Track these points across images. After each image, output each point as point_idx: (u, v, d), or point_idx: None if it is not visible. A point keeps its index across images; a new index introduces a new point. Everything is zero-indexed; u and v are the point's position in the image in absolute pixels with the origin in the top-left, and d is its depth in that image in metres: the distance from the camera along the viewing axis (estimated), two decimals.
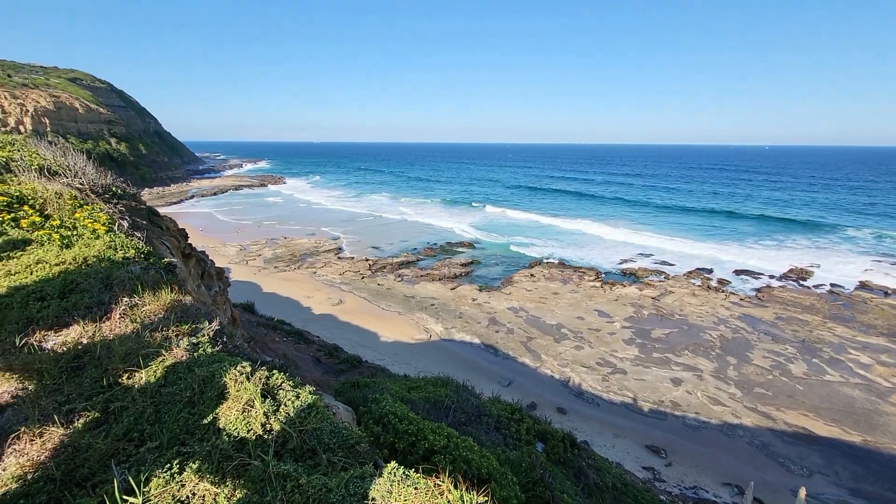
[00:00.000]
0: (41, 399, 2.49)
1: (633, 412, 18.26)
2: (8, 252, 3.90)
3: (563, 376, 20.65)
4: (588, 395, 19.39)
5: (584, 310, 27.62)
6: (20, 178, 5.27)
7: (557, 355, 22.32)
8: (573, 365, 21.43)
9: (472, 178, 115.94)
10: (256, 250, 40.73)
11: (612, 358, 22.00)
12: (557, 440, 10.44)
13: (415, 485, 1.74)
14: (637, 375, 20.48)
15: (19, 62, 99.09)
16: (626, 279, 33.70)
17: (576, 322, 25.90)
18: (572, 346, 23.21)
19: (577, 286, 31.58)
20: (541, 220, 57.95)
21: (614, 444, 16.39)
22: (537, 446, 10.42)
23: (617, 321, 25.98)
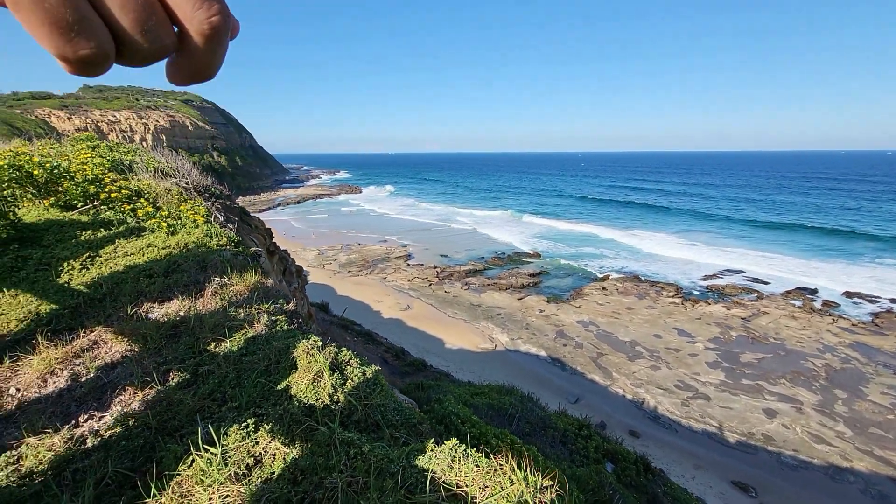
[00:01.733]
0: (144, 360, 2.79)
1: (717, 443, 16.58)
2: (127, 237, 4.46)
3: (637, 397, 19.33)
4: (665, 419, 17.96)
5: (662, 327, 25.75)
6: (139, 177, 6.04)
7: (631, 374, 20.97)
8: (648, 386, 20.00)
9: (541, 189, 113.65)
10: (332, 255, 43.08)
11: (694, 381, 20.22)
12: (629, 462, 9.74)
13: (476, 462, 1.68)
14: (723, 402, 18.61)
15: (145, 87, 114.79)
16: (710, 296, 30.94)
17: (652, 340, 24.21)
18: (648, 365, 21.70)
19: (654, 302, 29.58)
20: (613, 233, 55.23)
21: (694, 475, 14.97)
22: (607, 466, 9.80)
23: (699, 342, 23.89)
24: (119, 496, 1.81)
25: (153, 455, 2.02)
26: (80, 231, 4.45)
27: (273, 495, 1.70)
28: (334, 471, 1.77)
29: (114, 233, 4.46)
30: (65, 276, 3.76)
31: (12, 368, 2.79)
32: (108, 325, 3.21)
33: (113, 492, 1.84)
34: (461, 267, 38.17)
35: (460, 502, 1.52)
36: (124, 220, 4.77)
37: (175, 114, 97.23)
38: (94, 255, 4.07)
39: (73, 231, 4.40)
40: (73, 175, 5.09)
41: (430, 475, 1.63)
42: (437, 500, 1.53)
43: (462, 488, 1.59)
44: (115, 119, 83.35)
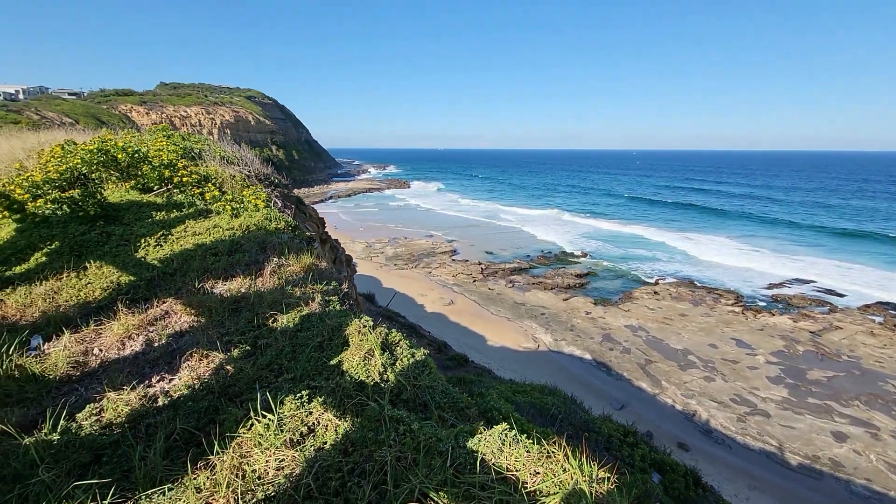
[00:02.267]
0: (209, 330, 2.96)
1: (776, 463, 15.43)
2: (196, 218, 4.76)
3: (688, 408, 18.35)
4: (717, 434, 16.94)
5: (719, 337, 24.24)
6: (207, 164, 6.43)
7: (681, 384, 19.93)
8: (701, 397, 18.93)
9: (592, 188, 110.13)
10: (380, 248, 44.04)
11: (752, 396, 18.90)
12: (678, 474, 9.27)
13: (527, 447, 1.64)
14: (784, 421, 17.28)
15: (214, 84, 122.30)
16: (775, 307, 28.75)
17: (707, 350, 22.87)
18: (701, 375, 20.52)
19: (710, 309, 27.90)
20: (666, 235, 52.52)
21: (749, 496, 14.03)
22: (653, 476, 9.38)
23: (760, 354, 22.28)
24: (185, 451, 1.93)
25: (216, 417, 2.14)
26: (155, 211, 4.80)
27: (325, 463, 1.75)
28: (384, 445, 1.80)
29: (184, 214, 4.78)
30: (142, 252, 4.08)
31: (96, 331, 3.06)
32: (178, 297, 3.44)
33: (180, 447, 1.96)
34: (506, 264, 37.80)
35: (510, 486, 1.49)
36: (193, 202, 5.10)
37: (239, 109, 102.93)
38: (167, 233, 4.38)
39: (149, 211, 4.76)
40: (151, 160, 5.50)
41: (480, 457, 1.62)
42: (486, 481, 1.51)
43: (512, 472, 1.56)
44: (187, 114, 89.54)
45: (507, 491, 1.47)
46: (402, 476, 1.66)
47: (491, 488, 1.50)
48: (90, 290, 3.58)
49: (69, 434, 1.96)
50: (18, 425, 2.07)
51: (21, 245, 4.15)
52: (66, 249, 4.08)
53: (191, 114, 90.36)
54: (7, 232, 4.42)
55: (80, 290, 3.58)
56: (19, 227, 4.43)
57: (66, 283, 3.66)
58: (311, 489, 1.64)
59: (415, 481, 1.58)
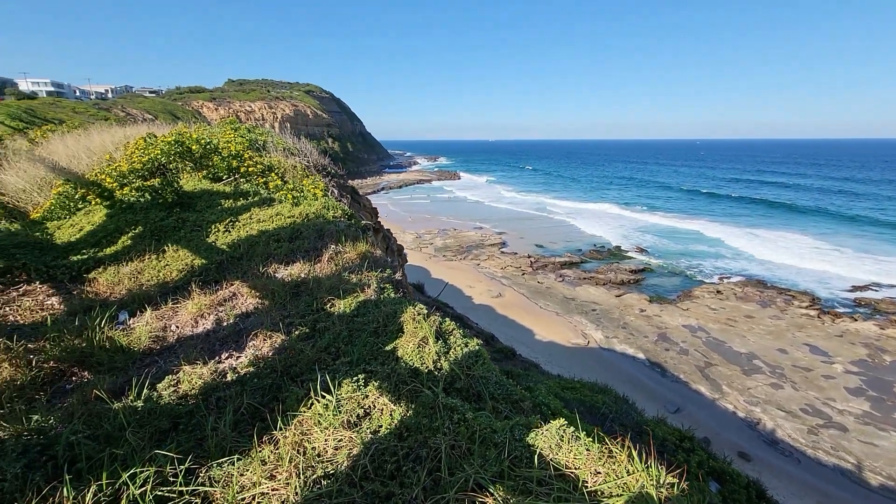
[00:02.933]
0: (272, 312, 3.12)
1: (852, 482, 14.12)
2: (260, 206, 5.02)
3: (751, 416, 17.17)
4: (784, 445, 15.73)
5: (790, 342, 22.39)
6: (270, 154, 6.75)
7: (745, 390, 18.66)
8: (766, 405, 17.64)
9: (650, 180, 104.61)
10: (429, 239, 44.51)
11: (827, 408, 17.35)
12: (739, 485, 8.69)
13: (587, 446, 1.58)
14: (864, 437, 15.73)
15: (275, 80, 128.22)
16: (858, 311, 26.09)
17: (775, 355, 21.21)
18: (767, 382, 19.10)
19: (781, 312, 25.81)
20: (732, 231, 48.85)
21: None
22: (711, 485, 8.87)
23: (838, 363, 20.35)
24: (251, 425, 2.04)
25: (279, 394, 2.24)
26: (224, 199, 5.11)
27: (381, 446, 1.78)
28: (438, 432, 1.80)
29: (250, 202, 5.05)
30: (212, 237, 4.36)
31: (173, 309, 3.31)
32: (244, 280, 3.65)
33: (246, 421, 2.08)
34: (556, 258, 36.95)
35: (569, 483, 1.44)
36: (258, 191, 5.38)
37: (298, 103, 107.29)
38: (234, 220, 4.65)
39: (219, 199, 5.07)
40: (221, 151, 5.86)
41: (537, 451, 1.58)
42: (544, 476, 1.47)
43: (571, 470, 1.51)
44: (251, 109, 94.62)
45: (565, 488, 1.42)
46: (456, 464, 1.65)
47: (549, 484, 1.46)
48: (168, 271, 3.88)
49: (151, 402, 2.14)
50: (109, 392, 2.28)
51: (110, 229, 4.57)
52: (147, 233, 4.44)
53: (254, 108, 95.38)
54: (99, 217, 4.88)
55: (160, 270, 3.88)
56: (109, 213, 4.87)
57: (148, 264, 3.99)
58: (367, 470, 1.68)
59: (469, 471, 1.57)
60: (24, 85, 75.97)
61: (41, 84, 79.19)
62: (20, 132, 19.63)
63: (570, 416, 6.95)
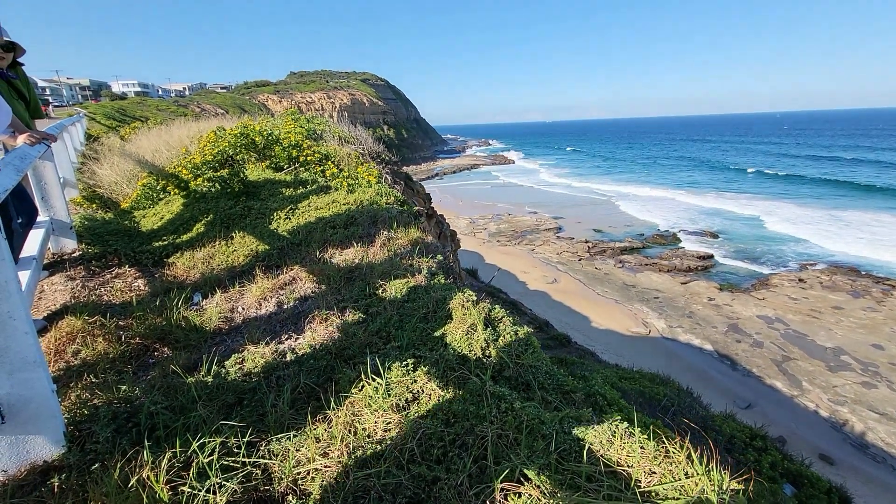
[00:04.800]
0: (328, 296, 3.24)
1: None
2: (317, 194, 5.22)
3: (837, 417, 15.66)
4: (876, 450, 14.24)
5: (887, 336, 20.02)
6: (327, 143, 6.98)
7: (829, 387, 17.01)
8: (855, 405, 15.99)
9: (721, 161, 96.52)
10: (483, 224, 44.30)
11: None
12: (819, 490, 8.02)
13: (641, 443, 1.50)
14: None
15: (333, 70, 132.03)
16: None
17: (868, 350, 19.09)
18: (857, 380, 17.27)
19: (876, 303, 23.09)
20: (817, 214, 44.11)
21: None
22: (785, 488, 8.23)
23: None
24: (307, 404, 2.15)
25: (332, 375, 2.33)
26: (285, 188, 5.36)
27: (428, 431, 1.80)
28: (485, 420, 1.79)
29: (308, 190, 5.26)
30: (274, 224, 4.60)
31: (240, 292, 3.55)
32: (302, 265, 3.83)
33: (303, 399, 2.19)
34: (616, 243, 35.37)
35: (620, 482, 1.38)
36: (316, 179, 5.59)
37: (355, 92, 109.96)
38: (294, 207, 4.87)
39: (280, 188, 5.33)
40: (281, 142, 6.14)
41: (587, 446, 1.52)
42: (594, 472, 1.41)
43: (623, 468, 1.44)
44: (311, 100, 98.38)
45: (616, 486, 1.36)
46: (502, 454, 1.64)
47: (599, 481, 1.40)
48: (235, 256, 4.15)
49: (219, 378, 2.31)
50: (184, 367, 2.49)
51: (186, 217, 4.96)
52: (217, 221, 4.77)
53: (314, 99, 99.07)
54: (177, 206, 5.31)
55: (229, 256, 4.17)
56: (185, 202, 5.28)
57: (218, 249, 4.29)
58: (414, 453, 1.71)
59: (516, 461, 1.55)
60: (116, 87, 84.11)
61: (130, 85, 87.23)
62: (113, 130, 21.80)
63: (628, 407, 6.69)
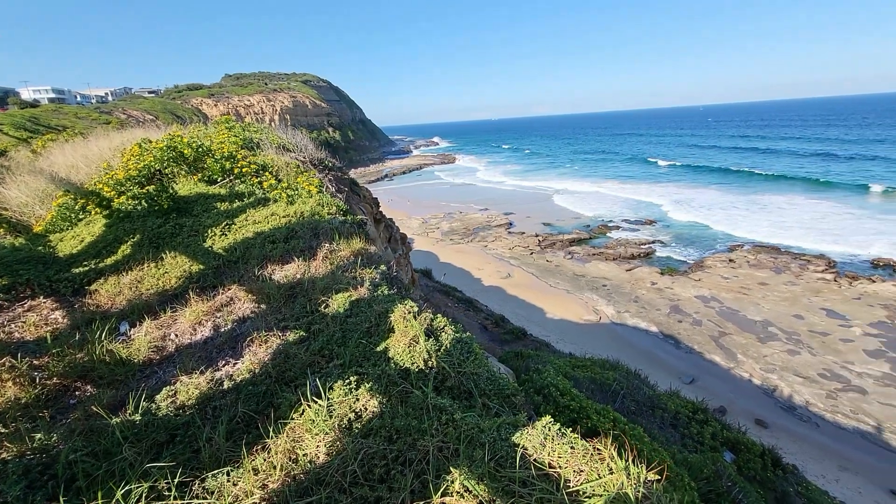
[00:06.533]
0: (268, 316, 3.14)
1: (872, 444, 14.09)
2: (255, 207, 5.02)
3: (768, 383, 17.13)
4: (802, 411, 15.72)
5: (806, 307, 22.14)
6: (265, 152, 6.73)
7: (760, 357, 18.57)
8: (783, 372, 17.56)
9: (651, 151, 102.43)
10: (435, 223, 44.44)
11: (845, 371, 17.22)
12: (754, 454, 8.74)
13: (571, 444, 1.58)
14: (885, 399, 15.62)
15: (272, 72, 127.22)
16: (877, 272, 25.61)
17: (791, 321, 21.01)
18: (783, 349, 18.97)
19: (796, 277, 25.45)
20: (739, 199, 48.06)
21: (838, 477, 12.99)
22: (725, 455, 8.90)
23: (856, 326, 20.10)
24: (246, 433, 2.07)
25: (273, 401, 2.27)
26: (219, 202, 5.12)
27: (371, 450, 1.80)
28: (426, 434, 1.81)
29: (245, 203, 5.05)
30: (209, 241, 4.38)
31: (172, 317, 3.35)
32: (240, 284, 3.67)
33: (241, 429, 2.11)
34: (564, 235, 36.69)
35: (552, 484, 1.44)
36: (253, 191, 5.38)
37: (297, 94, 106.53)
38: (230, 223, 4.66)
39: (214, 202, 5.08)
40: (214, 153, 5.85)
41: (521, 451, 1.57)
42: (526, 477, 1.47)
43: (554, 469, 1.51)
44: (250, 103, 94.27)
45: (548, 489, 1.42)
46: (443, 466, 1.66)
47: (532, 485, 1.46)
48: (167, 278, 3.92)
49: (149, 415, 2.18)
50: (109, 406, 2.33)
51: (110, 239, 4.61)
52: (146, 241, 4.48)
53: (253, 102, 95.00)
54: (98, 227, 4.93)
55: (159, 279, 3.92)
56: (107, 223, 4.92)
57: (147, 272, 4.03)
58: (356, 475, 1.70)
59: (455, 473, 1.57)
60: (27, 93, 76.32)
61: (42, 91, 79.49)
62: (24, 142, 19.82)
63: (579, 395, 6.93)
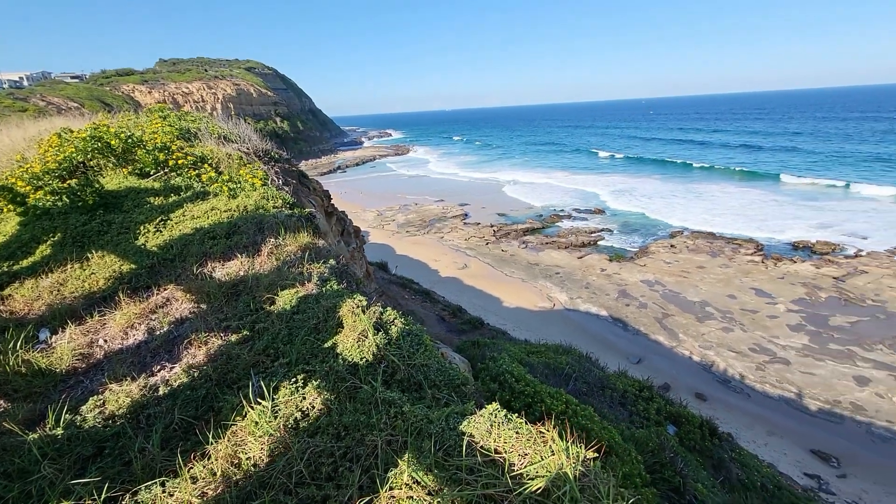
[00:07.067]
0: (208, 316, 2.98)
1: (795, 409, 15.52)
2: (193, 201, 4.74)
3: (705, 360, 18.41)
4: (736, 383, 17.03)
5: (738, 287, 23.93)
6: (203, 143, 6.35)
7: (699, 336, 19.91)
8: (718, 348, 18.93)
9: (605, 142, 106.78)
10: (391, 216, 43.98)
11: (772, 345, 18.82)
12: (694, 425, 9.39)
13: (516, 429, 1.61)
14: (805, 368, 17.23)
15: (212, 58, 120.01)
16: (797, 254, 28.10)
17: (725, 301, 22.64)
18: (719, 327, 20.43)
19: (729, 260, 27.42)
20: (681, 185, 51.25)
21: (767, 442, 14.23)
22: (668, 429, 9.51)
23: (781, 303, 21.98)
24: (184, 440, 1.96)
25: (213, 404, 2.16)
26: (153, 197, 4.78)
27: (318, 449, 1.75)
28: (375, 428, 1.79)
29: (182, 197, 4.75)
30: (142, 239, 4.09)
31: (101, 322, 3.11)
32: (178, 284, 3.46)
33: (179, 436, 2.00)
34: (518, 225, 37.46)
35: (497, 469, 1.47)
36: (191, 185, 5.06)
37: (240, 82, 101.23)
38: (165, 218, 4.37)
39: (147, 197, 4.75)
40: (145, 144, 5.44)
41: (468, 439, 1.59)
42: (473, 464, 1.49)
43: (500, 454, 1.54)
44: (188, 91, 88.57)
45: (494, 474, 1.45)
46: (392, 459, 1.65)
47: (478, 471, 1.48)
48: (94, 280, 3.62)
49: (73, 428, 2.01)
50: (26, 420, 2.13)
51: (25, 238, 4.20)
52: (68, 241, 4.11)
53: (192, 90, 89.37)
54: (11, 226, 4.47)
55: (85, 280, 3.62)
56: (23, 221, 4.47)
57: (71, 274, 3.70)
58: (303, 475, 1.65)
59: (403, 465, 1.57)
60: None
61: None
62: None
63: (533, 380, 7.13)
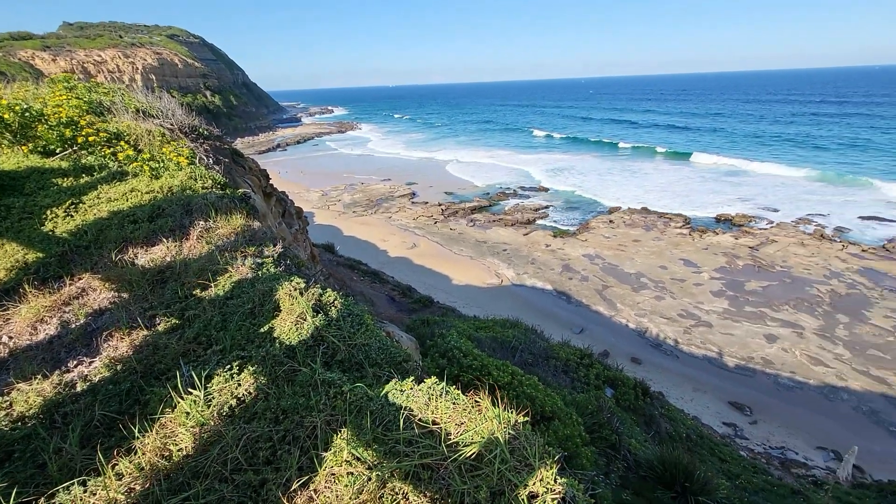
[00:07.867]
0: (131, 306, 2.77)
1: (716, 367, 17.19)
2: (109, 182, 4.33)
3: (640, 326, 19.82)
4: (666, 346, 18.51)
5: (668, 259, 25.79)
6: (119, 118, 5.78)
7: (635, 305, 21.34)
8: (651, 315, 20.42)
9: (545, 121, 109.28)
10: (336, 196, 42.75)
11: (697, 310, 20.58)
12: (628, 387, 10.15)
13: (454, 400, 1.67)
14: (724, 329, 19.04)
15: (127, 23, 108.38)
16: (719, 226, 30.64)
17: (657, 271, 24.36)
18: (652, 296, 22.00)
19: (661, 234, 29.39)
20: (617, 164, 53.95)
21: (693, 397, 15.69)
22: (606, 391, 10.23)
23: (705, 272, 24.00)
24: (108, 437, 1.85)
25: (139, 398, 2.04)
26: (61, 177, 4.32)
27: (255, 434, 1.72)
28: (314, 410, 1.78)
29: (96, 178, 4.33)
30: (49, 224, 3.70)
31: (3, 317, 2.80)
32: (95, 273, 3.18)
33: (101, 433, 1.87)
34: (466, 204, 37.80)
35: (435, 439, 1.52)
36: (105, 164, 4.62)
37: (162, 50, 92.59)
38: (77, 201, 3.97)
39: (53, 178, 4.27)
40: (48, 118, 4.86)
41: (406, 413, 1.62)
42: (412, 437, 1.53)
43: (438, 425, 1.59)
44: (101, 59, 79.78)
45: (431, 444, 1.49)
46: (332, 439, 1.65)
47: (417, 443, 1.52)
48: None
49: None
50: None
51: None
52: None
53: (106, 58, 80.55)
54: None
55: None
56: None
57: None
58: (239, 462, 1.62)
59: (342, 443, 1.58)
60: None
61: None
62: None
63: (480, 354, 7.34)
